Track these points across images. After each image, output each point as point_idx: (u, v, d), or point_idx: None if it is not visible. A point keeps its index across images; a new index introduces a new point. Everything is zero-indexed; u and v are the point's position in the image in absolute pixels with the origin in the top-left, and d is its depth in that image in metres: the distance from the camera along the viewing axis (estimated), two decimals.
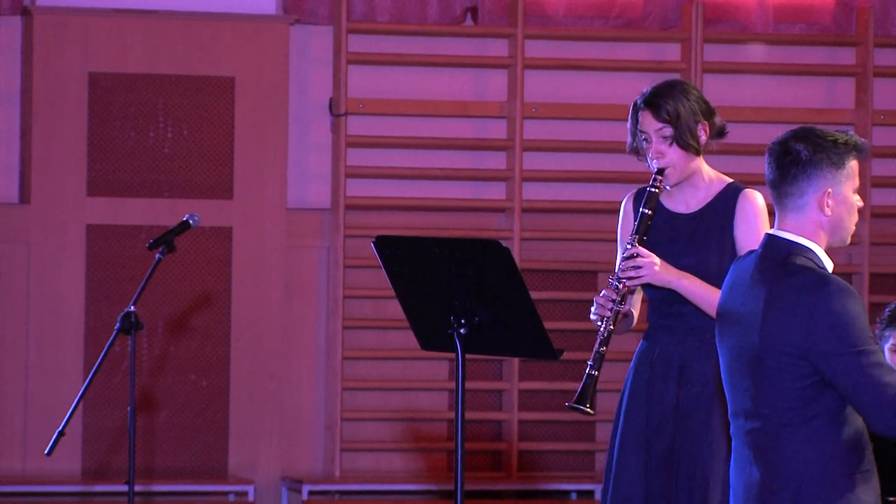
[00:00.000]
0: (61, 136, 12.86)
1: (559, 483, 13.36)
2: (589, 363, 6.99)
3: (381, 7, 13.33)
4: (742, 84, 13.79)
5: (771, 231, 6.03)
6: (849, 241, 6.10)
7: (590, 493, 13.04)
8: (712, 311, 7.03)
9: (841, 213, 5.98)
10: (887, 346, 8.24)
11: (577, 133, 13.45)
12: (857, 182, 5.98)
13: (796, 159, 6.02)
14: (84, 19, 12.86)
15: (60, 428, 9.50)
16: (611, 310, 7.03)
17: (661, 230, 7.19)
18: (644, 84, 7.51)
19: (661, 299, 7.22)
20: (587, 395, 6.96)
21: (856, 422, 5.94)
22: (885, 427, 5.82)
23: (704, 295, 7.10)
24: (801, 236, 5.98)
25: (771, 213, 7.11)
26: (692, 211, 7.28)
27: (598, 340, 7.03)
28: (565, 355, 6.53)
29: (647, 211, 7.16)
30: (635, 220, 7.19)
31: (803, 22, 13.84)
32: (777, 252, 5.99)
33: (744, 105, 13.72)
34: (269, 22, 13.10)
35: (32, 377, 12.77)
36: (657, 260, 7.06)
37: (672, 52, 13.55)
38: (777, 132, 14.41)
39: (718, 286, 7.00)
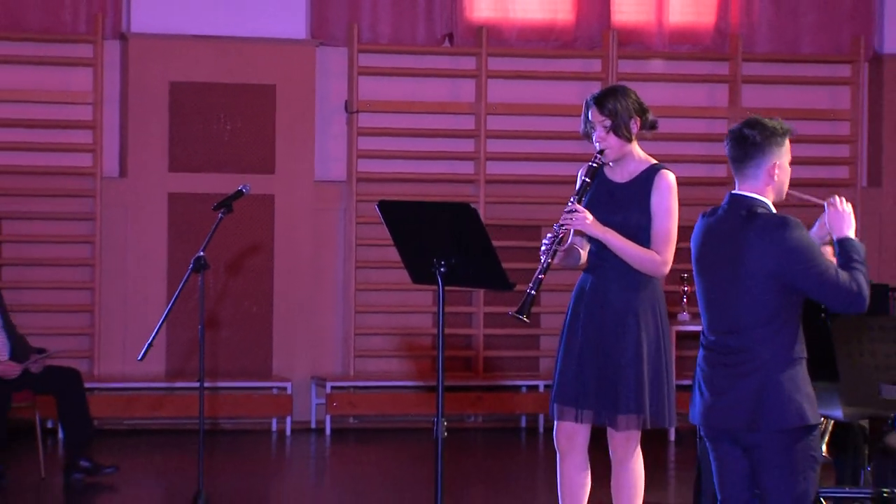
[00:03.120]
0: (149, 127, 12.83)
1: (512, 380, 13.36)
2: (529, 284, 6.99)
3: (382, 33, 13.29)
4: (647, 89, 13.59)
5: (733, 192, 6.24)
6: (784, 196, 6.30)
7: (535, 388, 13.05)
8: (627, 258, 7.12)
9: (783, 178, 6.23)
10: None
11: (526, 125, 13.42)
12: (790, 156, 6.24)
13: (753, 142, 6.21)
14: (165, 42, 12.81)
15: (150, 340, 9.48)
16: (549, 246, 7.04)
17: (601, 193, 7.20)
18: (576, 90, 7.58)
19: (595, 248, 7.23)
20: (525, 307, 6.96)
21: (799, 324, 6.17)
22: (841, 307, 6.14)
23: (621, 246, 7.09)
24: (756, 194, 6.18)
25: (680, 188, 7.21)
26: (624, 181, 7.26)
27: (539, 269, 7.04)
28: (516, 288, 6.52)
29: (586, 179, 7.19)
30: (577, 190, 7.20)
31: (690, 43, 13.79)
32: (742, 206, 6.20)
33: (649, 105, 13.65)
34: (301, 44, 13.06)
35: (129, 304, 12.77)
36: (589, 216, 7.06)
37: (595, 65, 13.48)
38: (672, 125, 14.46)
39: (638, 239, 7.15)
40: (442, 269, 7.06)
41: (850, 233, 6.25)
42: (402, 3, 13.32)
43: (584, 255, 7.34)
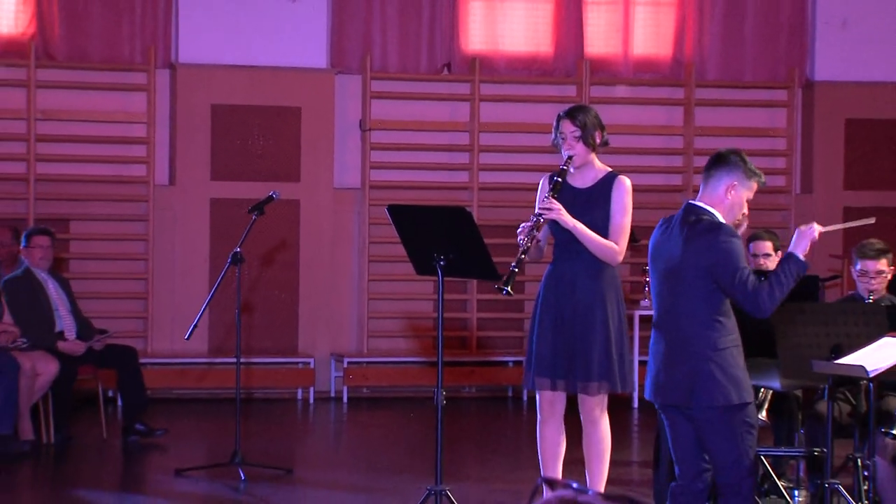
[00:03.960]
0: (194, 143, 12.84)
1: (501, 356, 13.37)
2: (513, 263, 7.01)
3: (390, 63, 13.30)
4: (614, 111, 13.68)
5: (690, 200, 6.30)
6: (734, 219, 6.30)
7: (520, 363, 13.00)
8: (590, 247, 7.16)
9: (735, 202, 6.23)
10: (855, 269, 8.30)
11: (513, 141, 13.43)
12: (750, 196, 6.28)
13: (728, 161, 6.25)
14: (208, 71, 12.82)
15: (194, 323, 9.51)
16: (529, 231, 7.05)
17: (566, 199, 7.19)
18: (555, 111, 7.56)
19: (564, 239, 7.23)
20: (509, 281, 6.98)
21: (731, 312, 6.19)
22: (751, 310, 6.13)
23: (589, 237, 7.13)
24: (708, 206, 6.18)
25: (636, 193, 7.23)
26: (586, 187, 7.28)
27: (520, 250, 7.04)
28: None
29: (558, 179, 7.21)
30: (550, 187, 7.20)
31: (651, 71, 13.81)
32: (692, 213, 6.22)
33: (617, 123, 13.66)
34: (322, 73, 13.06)
35: (177, 292, 12.77)
36: (563, 209, 7.09)
37: (571, 90, 13.50)
38: (636, 141, 14.39)
39: (598, 233, 7.16)
40: (441, 263, 7.11)
41: (800, 252, 6.24)
42: (408, 38, 13.32)
43: (545, 250, 7.38)
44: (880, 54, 13.93)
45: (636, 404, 12.53)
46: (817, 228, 6.29)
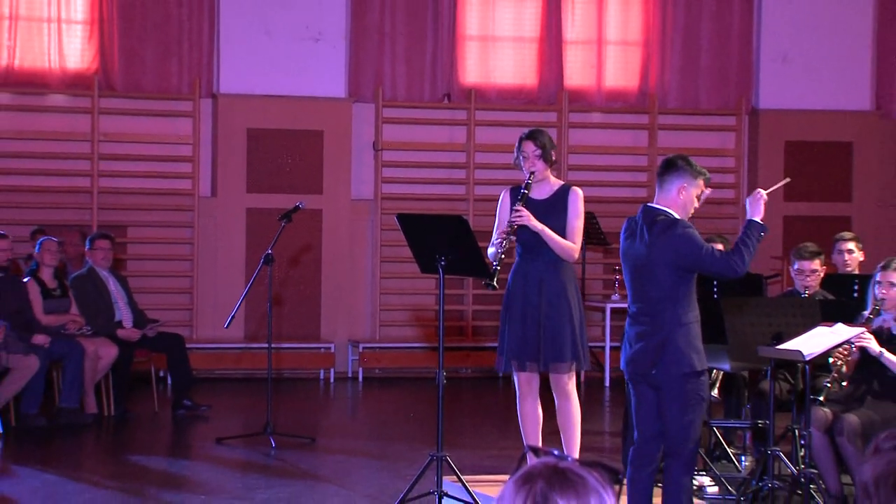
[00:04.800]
0: (232, 161, 12.84)
1: (492, 342, 13.19)
2: (494, 262, 7.03)
3: (399, 93, 13.31)
4: (590, 134, 13.76)
5: (647, 203, 6.34)
6: (689, 214, 6.27)
7: None
8: (553, 246, 7.19)
9: (686, 199, 6.22)
10: (793, 269, 8.28)
11: (504, 160, 13.33)
12: (699, 192, 6.25)
13: (676, 166, 6.24)
14: (244, 100, 12.82)
15: (232, 313, 9.52)
16: (506, 234, 7.08)
17: (528, 209, 7.21)
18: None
19: (528, 241, 7.23)
20: (494, 277, 7.00)
21: (694, 297, 6.19)
22: (725, 272, 6.14)
23: (553, 239, 7.16)
24: (664, 206, 6.18)
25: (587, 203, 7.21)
26: (544, 198, 7.30)
27: (500, 252, 7.07)
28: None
29: (525, 191, 7.23)
30: (518, 198, 7.21)
31: (620, 101, 13.80)
32: (650, 214, 6.21)
33: (591, 144, 13.69)
34: (342, 101, 13.06)
35: (217, 287, 12.77)
36: (531, 216, 7.11)
37: (552, 117, 13.48)
38: (607, 160, 14.33)
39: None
40: (442, 263, 7.11)
41: (757, 216, 6.25)
42: (413, 71, 13.32)
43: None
44: (815, 86, 13.93)
45: (608, 383, 12.54)
46: (763, 192, 6.33)
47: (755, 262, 13.75)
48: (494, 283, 6.99)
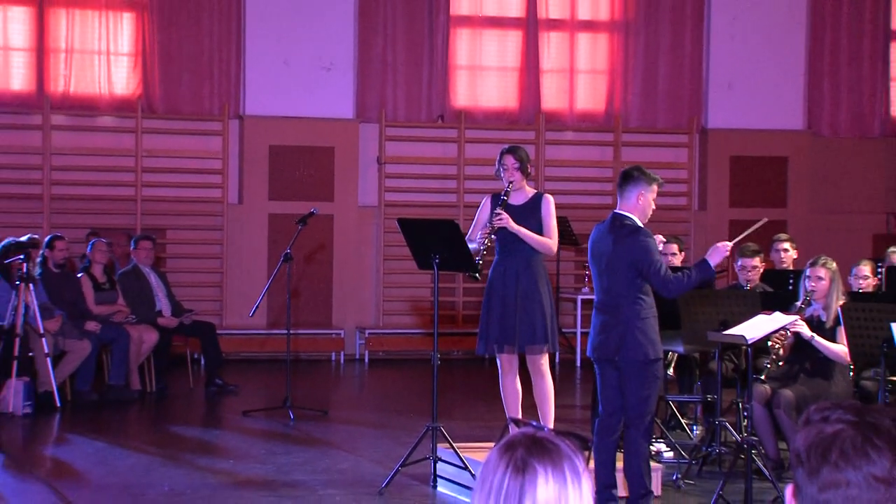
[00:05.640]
0: (257, 172, 12.84)
1: (476, 329, 13.33)
2: (477, 257, 7.03)
3: (399, 114, 13.33)
4: (563, 150, 13.76)
5: (615, 210, 6.25)
6: (647, 218, 6.22)
7: None
8: (533, 243, 7.16)
9: (645, 205, 6.22)
10: (737, 265, 8.27)
11: (489, 172, 13.31)
12: (654, 195, 6.24)
13: (633, 176, 6.21)
14: (266, 121, 12.83)
15: (256, 304, 9.51)
16: (488, 234, 7.08)
17: (507, 212, 7.21)
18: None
19: (506, 241, 7.21)
20: (477, 269, 7.00)
21: (651, 293, 6.17)
22: (661, 292, 6.13)
23: (531, 237, 7.13)
24: (627, 212, 6.13)
25: (558, 209, 7.23)
26: (520, 204, 7.27)
27: (482, 249, 7.08)
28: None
29: (504, 197, 7.20)
30: (498, 203, 7.19)
31: (589, 121, 13.81)
32: (617, 220, 6.19)
33: (564, 159, 13.68)
34: (350, 122, 13.06)
35: (244, 281, 12.77)
36: (510, 218, 7.10)
37: (531, 135, 13.45)
38: (578, 172, 14.27)
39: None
40: (436, 261, 7.12)
41: (713, 262, 6.22)
42: (411, 96, 13.33)
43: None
44: (755, 108, 13.95)
45: (579, 364, 12.54)
46: (728, 245, 6.31)
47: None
48: (477, 275, 7.05)
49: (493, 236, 7.14)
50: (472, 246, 7.15)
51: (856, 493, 1.98)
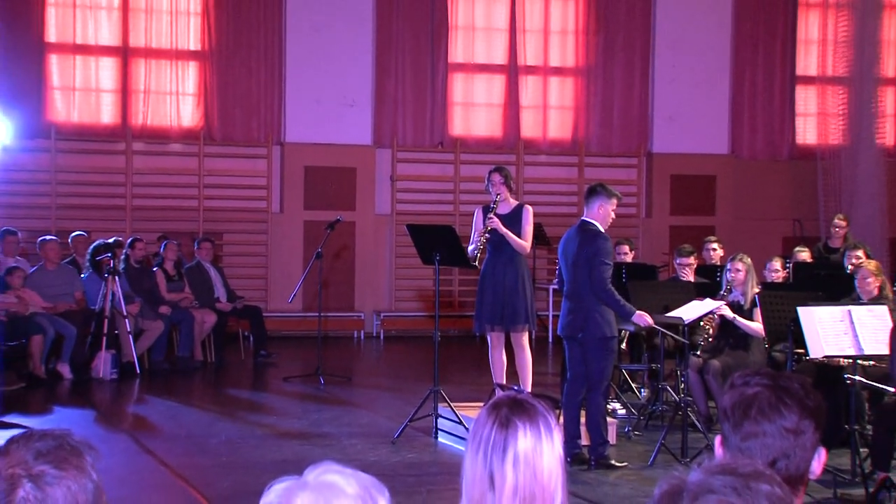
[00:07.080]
0: (294, 188, 12.81)
1: (471, 312, 13.13)
2: (477, 253, 7.04)
3: (408, 141, 13.29)
4: (539, 170, 13.72)
5: (583, 217, 6.23)
6: (607, 225, 6.17)
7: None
8: (514, 244, 7.16)
9: (605, 215, 6.16)
10: (676, 262, 8.22)
11: (479, 187, 13.30)
12: (614, 207, 6.23)
13: (596, 191, 6.24)
14: (303, 147, 12.79)
15: (294, 292, 9.47)
16: (483, 234, 7.07)
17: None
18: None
19: (496, 241, 7.21)
20: (473, 263, 7.01)
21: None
22: (595, 289, 6.06)
23: (514, 239, 7.16)
24: (592, 220, 6.12)
25: (536, 218, 7.21)
26: (506, 213, 7.29)
27: (477, 247, 7.07)
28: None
29: (493, 207, 7.22)
30: (489, 211, 7.17)
31: (559, 147, 13.78)
32: (584, 226, 6.24)
33: (540, 177, 13.67)
34: (368, 147, 13.03)
35: (284, 275, 12.72)
36: (500, 223, 7.08)
37: (512, 158, 13.45)
38: (551, 187, 14.16)
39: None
40: (437, 258, 7.10)
41: (632, 317, 6.12)
42: (417, 126, 13.30)
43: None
44: (690, 136, 13.94)
45: (551, 340, 12.53)
46: (650, 322, 6.21)
47: (651, 256, 13.66)
48: (477, 265, 7.12)
49: (487, 235, 7.13)
50: (471, 246, 7.18)
51: (770, 441, 1.99)
